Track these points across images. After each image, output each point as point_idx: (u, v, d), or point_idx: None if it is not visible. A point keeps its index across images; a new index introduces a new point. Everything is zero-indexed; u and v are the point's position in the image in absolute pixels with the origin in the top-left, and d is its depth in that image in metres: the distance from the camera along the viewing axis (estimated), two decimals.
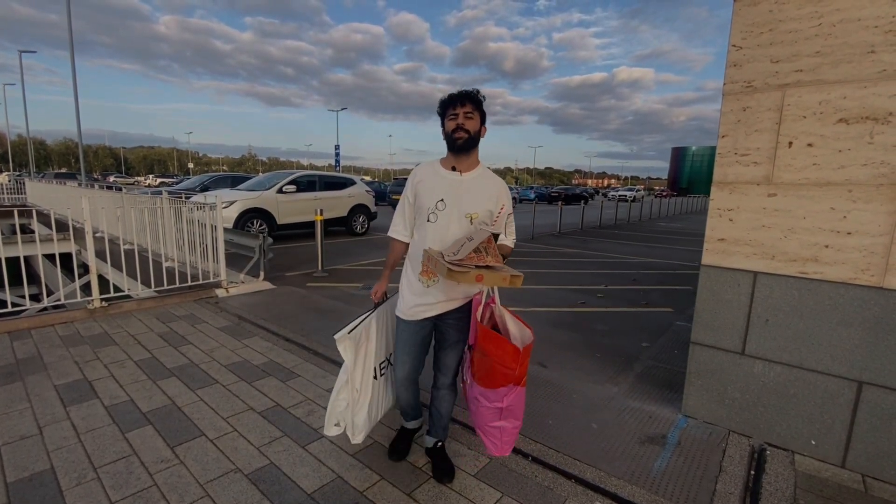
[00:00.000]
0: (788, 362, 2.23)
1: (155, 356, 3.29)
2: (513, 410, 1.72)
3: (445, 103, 1.78)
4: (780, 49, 2.12)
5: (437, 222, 1.79)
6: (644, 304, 5.24)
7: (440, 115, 1.81)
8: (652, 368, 3.32)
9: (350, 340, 1.88)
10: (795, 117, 2.11)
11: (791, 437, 2.25)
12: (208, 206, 5.23)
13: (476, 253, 1.60)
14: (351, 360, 1.90)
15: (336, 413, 1.97)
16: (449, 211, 1.78)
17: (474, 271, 1.54)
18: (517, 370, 1.61)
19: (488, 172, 1.86)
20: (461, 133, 1.73)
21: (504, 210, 1.85)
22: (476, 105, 1.75)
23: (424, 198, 1.82)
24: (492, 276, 1.55)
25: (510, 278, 1.55)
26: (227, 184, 12.43)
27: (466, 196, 1.78)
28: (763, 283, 2.26)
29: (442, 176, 1.82)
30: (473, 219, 1.78)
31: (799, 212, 2.13)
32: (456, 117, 1.74)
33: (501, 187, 1.86)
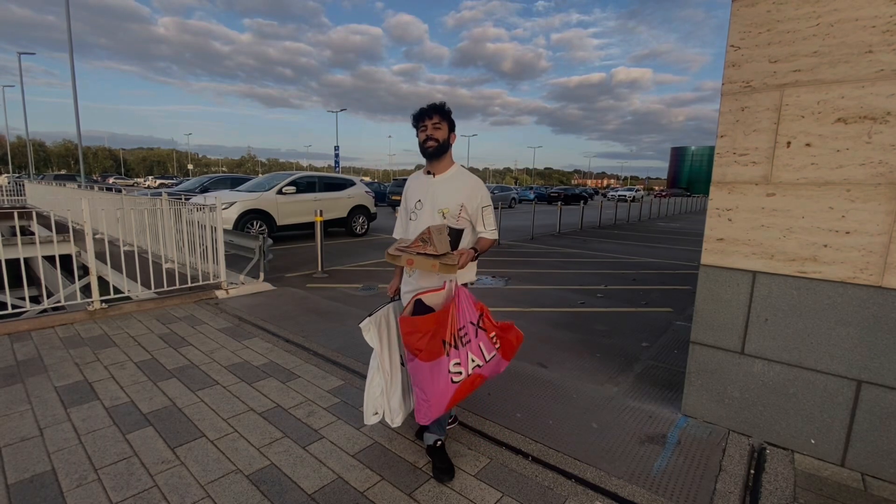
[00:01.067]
0: (788, 361, 2.23)
1: (155, 357, 3.29)
2: (417, 380, 1.89)
3: (416, 117, 1.99)
4: (778, 49, 2.13)
5: (417, 220, 2.05)
6: (644, 304, 5.25)
7: (414, 127, 2.02)
8: (652, 368, 3.32)
9: (372, 324, 2.07)
10: (794, 117, 2.11)
11: (791, 436, 2.26)
12: (208, 208, 5.23)
13: (422, 242, 1.81)
14: (377, 345, 2.09)
15: (372, 401, 2.11)
16: (425, 209, 2.02)
17: (405, 256, 1.80)
18: (411, 343, 1.82)
19: (462, 172, 2.06)
20: (431, 143, 1.96)
21: (468, 205, 1.99)
22: (443, 116, 1.97)
23: (409, 200, 2.14)
24: (421, 261, 1.78)
25: (438, 265, 1.75)
26: (227, 185, 12.44)
27: (438, 194, 1.99)
28: (762, 283, 2.26)
29: (421, 180, 2.09)
30: (445, 213, 1.97)
31: (797, 211, 2.14)
32: (425, 129, 1.97)
33: (472, 183, 2.03)
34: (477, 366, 1.91)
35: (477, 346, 1.92)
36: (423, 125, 1.97)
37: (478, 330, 1.94)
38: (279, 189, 9.05)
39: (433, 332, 1.81)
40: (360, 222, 10.67)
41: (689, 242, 11.44)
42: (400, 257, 1.82)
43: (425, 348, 1.80)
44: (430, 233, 1.80)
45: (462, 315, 1.90)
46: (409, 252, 1.81)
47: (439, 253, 1.77)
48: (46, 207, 13.15)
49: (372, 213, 10.91)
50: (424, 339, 1.80)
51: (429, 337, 1.80)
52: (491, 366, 1.97)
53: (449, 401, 1.86)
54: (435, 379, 1.83)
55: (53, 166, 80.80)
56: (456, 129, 2.06)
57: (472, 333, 1.91)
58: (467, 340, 1.89)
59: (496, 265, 7.47)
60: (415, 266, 1.80)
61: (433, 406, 1.85)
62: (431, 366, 1.82)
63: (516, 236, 11.35)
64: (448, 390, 1.84)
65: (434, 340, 1.81)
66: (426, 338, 1.80)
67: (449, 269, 1.75)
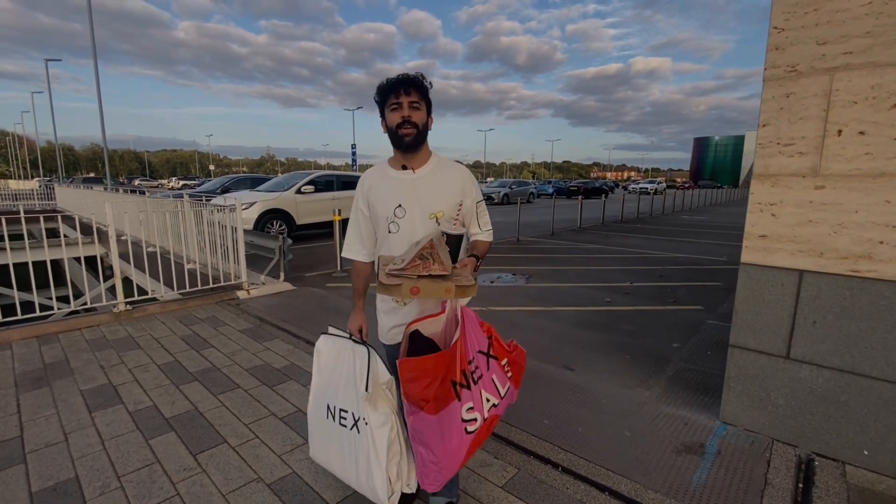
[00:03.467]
0: (839, 367, 2.07)
1: (178, 360, 3.30)
2: (422, 438, 1.44)
3: (385, 90, 1.49)
4: (826, 30, 1.96)
5: (399, 231, 1.56)
6: (672, 301, 5.06)
7: (378, 104, 1.54)
8: (684, 371, 3.17)
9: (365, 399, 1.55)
10: (845, 103, 1.94)
11: (841, 446, 2.10)
12: (228, 208, 5.26)
13: (421, 260, 1.36)
14: (388, 408, 1.57)
15: (394, 477, 1.57)
16: (410, 215, 1.54)
17: (409, 283, 1.31)
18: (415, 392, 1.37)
19: (445, 162, 1.63)
20: (408, 129, 1.48)
21: (465, 203, 1.61)
22: (422, 93, 1.51)
23: (379, 206, 1.57)
24: (431, 286, 1.31)
25: (455, 289, 1.31)
26: (247, 185, 12.58)
27: (425, 194, 1.54)
28: (810, 283, 2.10)
29: (393, 178, 1.57)
30: (439, 218, 1.55)
31: (850, 205, 1.97)
32: (399, 107, 1.48)
33: (464, 176, 1.61)
34: (493, 405, 1.51)
35: (490, 381, 1.52)
36: (396, 102, 1.48)
37: (489, 360, 1.53)
38: (298, 188, 9.09)
39: (443, 374, 1.38)
40: None
41: (716, 236, 11.08)
42: (400, 286, 1.31)
43: (433, 397, 1.37)
44: (434, 246, 1.39)
45: (470, 344, 1.46)
46: (409, 276, 1.34)
47: (448, 272, 1.36)
48: (75, 210, 13.56)
49: None
50: (433, 386, 1.36)
51: (438, 382, 1.37)
52: (506, 401, 1.60)
53: (464, 456, 1.46)
54: (446, 433, 1.41)
55: (82, 169, 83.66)
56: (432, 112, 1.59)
57: (484, 366, 1.51)
58: (479, 376, 1.48)
59: (516, 262, 7.34)
60: (422, 294, 1.32)
61: (445, 467, 1.45)
62: (440, 417, 1.40)
63: (536, 232, 11.16)
64: (463, 444, 1.44)
65: (444, 385, 1.39)
66: (435, 383, 1.37)
67: (467, 291, 1.35)
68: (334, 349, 1.68)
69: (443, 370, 1.39)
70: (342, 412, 1.62)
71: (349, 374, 1.61)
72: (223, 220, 5.33)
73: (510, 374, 1.61)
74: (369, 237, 1.67)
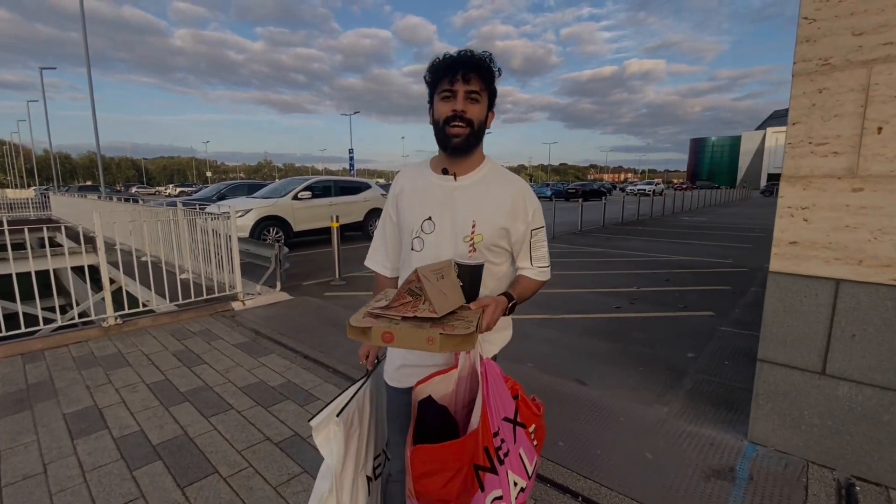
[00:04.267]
0: (882, 384, 1.91)
1: (168, 378, 3.12)
2: None
3: (439, 71, 1.17)
4: (863, 19, 1.81)
5: (423, 251, 1.24)
6: (682, 307, 4.90)
7: (428, 87, 1.22)
8: (703, 384, 3.01)
9: (338, 426, 1.20)
10: (885, 98, 1.79)
11: (885, 470, 1.94)
12: (223, 216, 5.09)
13: (411, 297, 1.04)
14: (337, 457, 1.20)
15: None
16: (440, 234, 1.22)
17: (380, 327, 0.99)
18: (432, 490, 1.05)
19: (500, 171, 1.28)
20: (459, 127, 1.16)
21: (513, 228, 1.24)
22: (486, 82, 1.18)
23: (407, 215, 1.28)
24: (408, 333, 0.98)
25: (439, 339, 0.95)
26: (244, 192, 12.41)
27: (464, 209, 1.21)
28: (847, 293, 1.95)
29: (430, 182, 1.27)
30: (476, 243, 1.20)
31: (892, 209, 1.82)
32: (453, 97, 1.16)
33: (521, 193, 1.25)
34: (521, 490, 1.14)
35: (517, 458, 1.14)
36: (450, 90, 1.16)
37: (516, 428, 1.16)
38: (294, 195, 8.93)
39: (468, 464, 1.06)
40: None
41: (719, 238, 10.94)
42: (370, 331, 1.00)
43: (454, 494, 1.05)
44: (421, 279, 1.04)
45: (495, 412, 1.10)
46: (390, 317, 1.03)
47: (440, 313, 1.02)
48: (71, 219, 13.37)
49: None
50: (456, 482, 1.05)
51: (462, 476, 1.05)
52: (533, 480, 1.22)
53: None
54: None
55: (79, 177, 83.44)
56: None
57: (510, 437, 1.14)
58: (506, 452, 1.11)
59: None
60: (396, 343, 0.99)
61: None
62: None
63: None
64: None
65: (467, 475, 1.06)
66: (458, 479, 1.05)
67: (461, 342, 0.97)
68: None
69: (468, 457, 1.05)
70: None
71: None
72: (218, 228, 5.17)
73: (536, 443, 1.23)
74: (395, 248, 1.38)
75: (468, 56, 1.15)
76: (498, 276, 1.29)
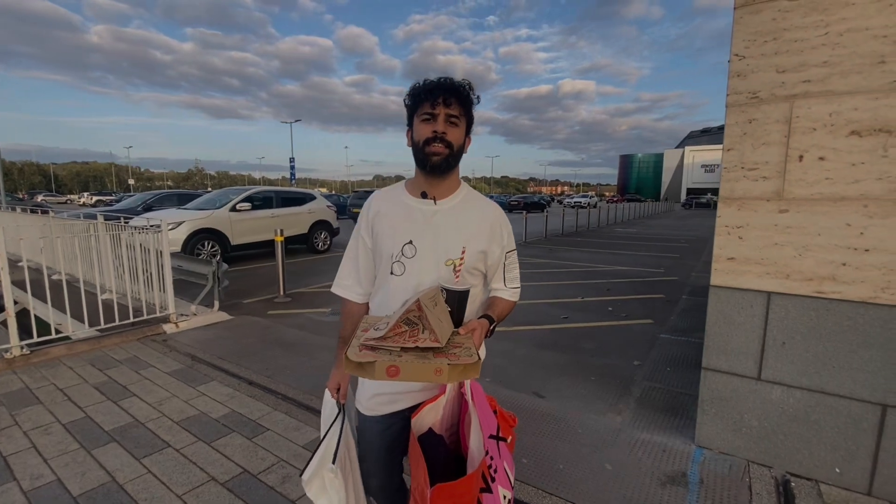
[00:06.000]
0: (808, 387, 2.11)
1: (90, 416, 2.77)
2: None
3: (419, 94, 1.19)
4: (786, 59, 2.02)
5: (404, 275, 1.24)
6: (624, 316, 5.16)
7: (408, 109, 1.24)
8: (650, 391, 3.17)
9: (334, 473, 1.19)
10: (805, 129, 2.01)
11: (814, 465, 2.13)
12: (153, 229, 4.67)
13: (408, 326, 1.03)
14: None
15: None
16: (421, 258, 1.23)
17: (385, 360, 0.96)
18: None
19: (474, 195, 1.32)
20: (438, 147, 1.17)
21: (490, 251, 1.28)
22: (465, 107, 1.21)
23: (385, 239, 1.26)
24: (415, 366, 0.96)
25: (448, 370, 0.96)
26: (174, 202, 11.54)
27: (445, 234, 1.23)
28: (778, 304, 2.14)
29: (408, 206, 1.27)
30: (457, 266, 1.23)
31: (813, 228, 2.03)
32: (433, 120, 1.18)
33: (496, 218, 1.30)
34: (509, 501, 1.18)
35: (504, 473, 1.17)
36: (431, 113, 1.18)
37: (499, 443, 1.19)
38: (233, 206, 8.43)
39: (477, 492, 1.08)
40: (322, 238, 10.15)
41: (650, 248, 11.73)
42: (373, 365, 0.96)
43: None
44: (422, 308, 1.04)
45: (484, 433, 1.13)
46: (388, 348, 1.01)
47: (442, 342, 1.02)
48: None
49: (334, 228, 10.42)
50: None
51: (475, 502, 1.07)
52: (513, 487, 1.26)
53: None
54: None
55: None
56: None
57: (497, 454, 1.16)
58: (495, 470, 1.14)
59: None
60: (402, 377, 0.96)
61: None
62: None
63: None
64: None
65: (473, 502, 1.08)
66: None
67: (466, 371, 0.98)
68: (330, 403, 1.36)
69: (478, 484, 1.07)
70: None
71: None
72: (146, 243, 4.72)
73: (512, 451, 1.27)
74: (367, 273, 1.36)
75: (449, 82, 1.19)
76: (474, 299, 1.31)
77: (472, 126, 1.27)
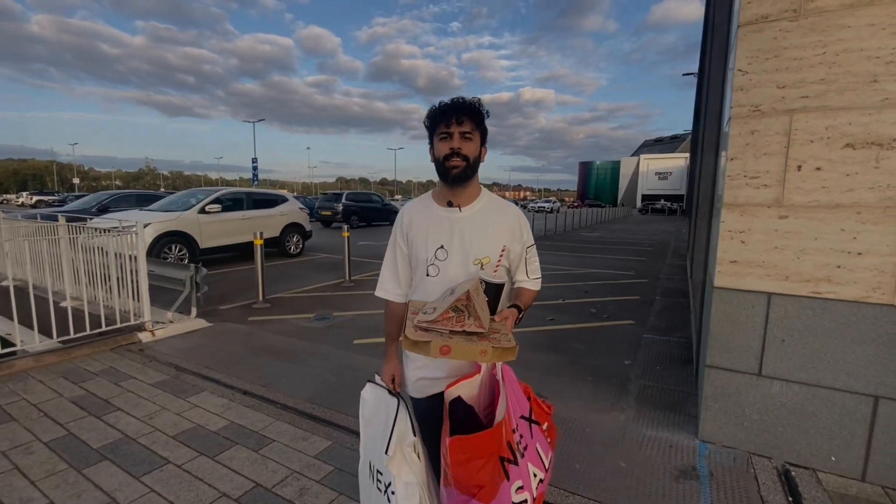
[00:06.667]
0: (805, 381, 2.26)
1: (73, 433, 2.57)
2: None
3: (436, 117, 1.37)
4: (786, 75, 2.17)
5: (438, 276, 1.40)
6: (606, 317, 5.33)
7: (428, 130, 1.41)
8: (646, 389, 3.28)
9: (412, 447, 1.33)
10: (803, 141, 2.16)
11: (811, 455, 2.28)
12: (125, 231, 4.39)
13: (455, 312, 1.17)
14: (421, 474, 1.33)
15: None
16: (452, 259, 1.39)
17: (438, 340, 1.11)
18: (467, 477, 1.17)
19: (496, 200, 1.48)
20: (457, 161, 1.34)
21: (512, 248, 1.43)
22: (477, 122, 1.37)
23: (420, 246, 1.43)
24: (464, 347, 1.11)
25: (491, 351, 1.10)
26: (132, 203, 10.89)
27: (470, 236, 1.39)
28: (777, 304, 2.28)
29: (437, 215, 1.43)
30: (484, 264, 1.39)
31: (810, 233, 2.18)
32: (449, 138, 1.35)
33: (514, 216, 1.46)
34: (540, 481, 1.29)
35: (535, 452, 1.30)
36: (446, 132, 1.35)
37: (531, 426, 1.33)
38: (202, 208, 8.06)
39: (496, 453, 1.18)
40: (295, 241, 9.87)
41: (616, 251, 12.17)
42: (429, 344, 1.10)
43: (487, 481, 1.17)
44: (471, 298, 1.18)
45: (513, 410, 1.26)
46: (439, 331, 1.15)
47: (485, 329, 1.17)
48: None
49: (307, 230, 10.16)
50: (487, 469, 1.16)
51: (492, 463, 1.17)
52: (549, 474, 1.36)
53: None
54: None
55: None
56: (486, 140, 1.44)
57: (528, 434, 1.29)
58: (525, 447, 1.26)
59: None
60: (453, 355, 1.11)
61: None
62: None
63: None
64: None
65: (495, 464, 1.18)
66: (489, 465, 1.16)
67: (505, 353, 1.13)
68: (375, 398, 1.46)
69: (496, 446, 1.18)
70: (378, 473, 1.37)
71: (383, 430, 1.37)
72: (109, 246, 4.41)
73: (550, 441, 1.40)
74: (406, 276, 1.52)
75: (460, 102, 1.35)
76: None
77: (486, 137, 1.43)
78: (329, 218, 17.91)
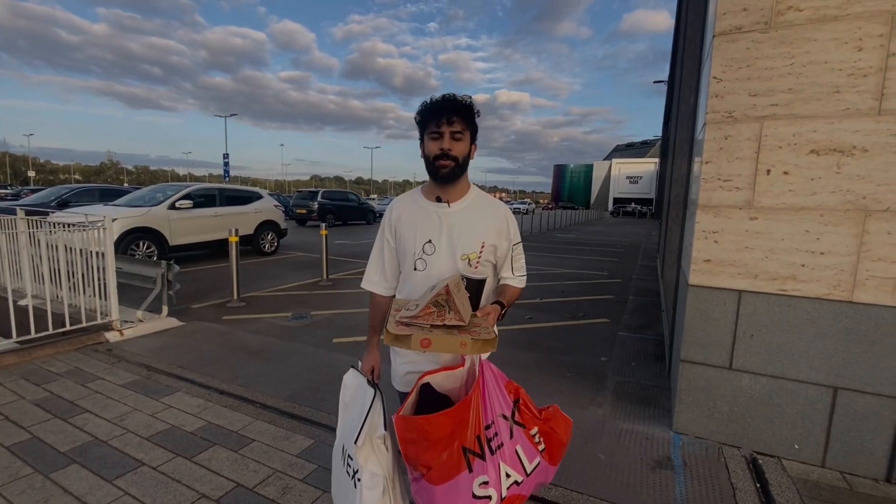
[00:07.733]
0: (772, 374, 2.38)
1: (37, 436, 2.45)
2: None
3: (426, 113, 1.36)
4: (757, 84, 2.28)
5: (426, 270, 1.42)
6: (582, 315, 5.45)
7: (418, 126, 1.40)
8: (622, 384, 3.39)
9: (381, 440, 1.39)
10: (772, 147, 2.28)
11: (776, 443, 2.40)
12: (91, 226, 4.20)
13: (436, 307, 1.21)
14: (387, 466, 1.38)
15: None
16: (439, 254, 1.41)
17: (419, 334, 1.16)
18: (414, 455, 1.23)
19: (485, 198, 1.50)
20: (445, 161, 1.35)
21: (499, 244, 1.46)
22: (467, 121, 1.37)
23: (408, 239, 1.44)
24: (444, 339, 1.16)
25: (471, 343, 1.15)
26: (95, 197, 10.42)
27: (459, 231, 1.41)
28: (747, 301, 2.39)
29: (426, 210, 1.44)
30: (472, 259, 1.41)
31: (778, 234, 2.30)
32: (440, 138, 1.35)
33: (502, 213, 1.48)
34: (514, 483, 1.26)
35: (513, 453, 1.27)
36: (437, 132, 1.35)
37: (513, 427, 1.28)
38: (172, 203, 7.79)
39: (448, 437, 1.19)
40: (270, 239, 9.66)
41: (590, 252, 12.46)
42: (409, 338, 1.16)
43: (437, 464, 1.19)
44: (450, 293, 1.20)
45: (490, 406, 1.24)
46: (420, 325, 1.19)
47: (465, 322, 1.20)
48: None
49: (282, 228, 9.96)
50: (436, 450, 1.19)
51: (442, 446, 1.19)
52: (534, 479, 1.32)
53: None
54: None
55: None
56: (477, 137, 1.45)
57: (506, 433, 1.26)
58: (498, 445, 1.24)
59: None
60: (433, 348, 1.16)
61: None
62: (447, 489, 1.20)
63: None
64: None
65: (450, 450, 1.19)
66: (438, 448, 1.19)
67: (486, 346, 1.18)
68: (355, 385, 1.50)
69: (447, 432, 1.19)
70: (349, 458, 1.40)
71: (357, 419, 1.40)
72: (74, 241, 4.22)
73: (542, 448, 1.35)
74: (392, 270, 1.54)
75: (451, 100, 1.34)
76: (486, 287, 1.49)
77: (476, 135, 1.43)
78: (304, 216, 17.61)
